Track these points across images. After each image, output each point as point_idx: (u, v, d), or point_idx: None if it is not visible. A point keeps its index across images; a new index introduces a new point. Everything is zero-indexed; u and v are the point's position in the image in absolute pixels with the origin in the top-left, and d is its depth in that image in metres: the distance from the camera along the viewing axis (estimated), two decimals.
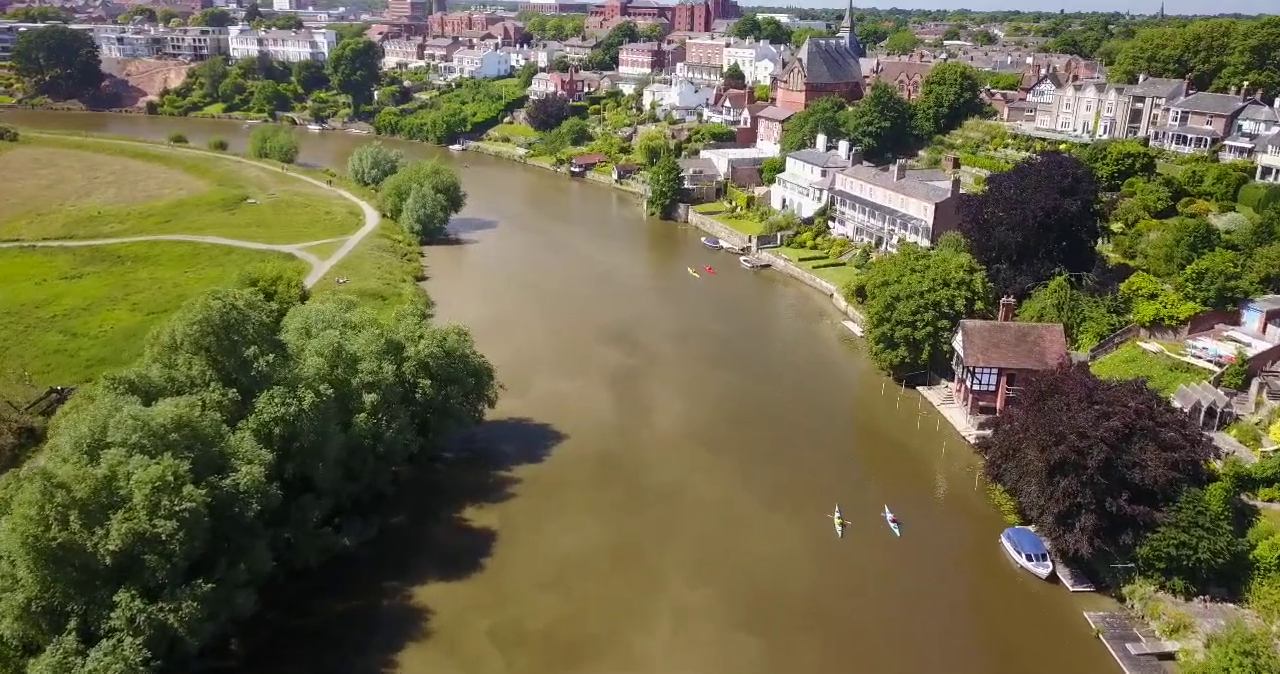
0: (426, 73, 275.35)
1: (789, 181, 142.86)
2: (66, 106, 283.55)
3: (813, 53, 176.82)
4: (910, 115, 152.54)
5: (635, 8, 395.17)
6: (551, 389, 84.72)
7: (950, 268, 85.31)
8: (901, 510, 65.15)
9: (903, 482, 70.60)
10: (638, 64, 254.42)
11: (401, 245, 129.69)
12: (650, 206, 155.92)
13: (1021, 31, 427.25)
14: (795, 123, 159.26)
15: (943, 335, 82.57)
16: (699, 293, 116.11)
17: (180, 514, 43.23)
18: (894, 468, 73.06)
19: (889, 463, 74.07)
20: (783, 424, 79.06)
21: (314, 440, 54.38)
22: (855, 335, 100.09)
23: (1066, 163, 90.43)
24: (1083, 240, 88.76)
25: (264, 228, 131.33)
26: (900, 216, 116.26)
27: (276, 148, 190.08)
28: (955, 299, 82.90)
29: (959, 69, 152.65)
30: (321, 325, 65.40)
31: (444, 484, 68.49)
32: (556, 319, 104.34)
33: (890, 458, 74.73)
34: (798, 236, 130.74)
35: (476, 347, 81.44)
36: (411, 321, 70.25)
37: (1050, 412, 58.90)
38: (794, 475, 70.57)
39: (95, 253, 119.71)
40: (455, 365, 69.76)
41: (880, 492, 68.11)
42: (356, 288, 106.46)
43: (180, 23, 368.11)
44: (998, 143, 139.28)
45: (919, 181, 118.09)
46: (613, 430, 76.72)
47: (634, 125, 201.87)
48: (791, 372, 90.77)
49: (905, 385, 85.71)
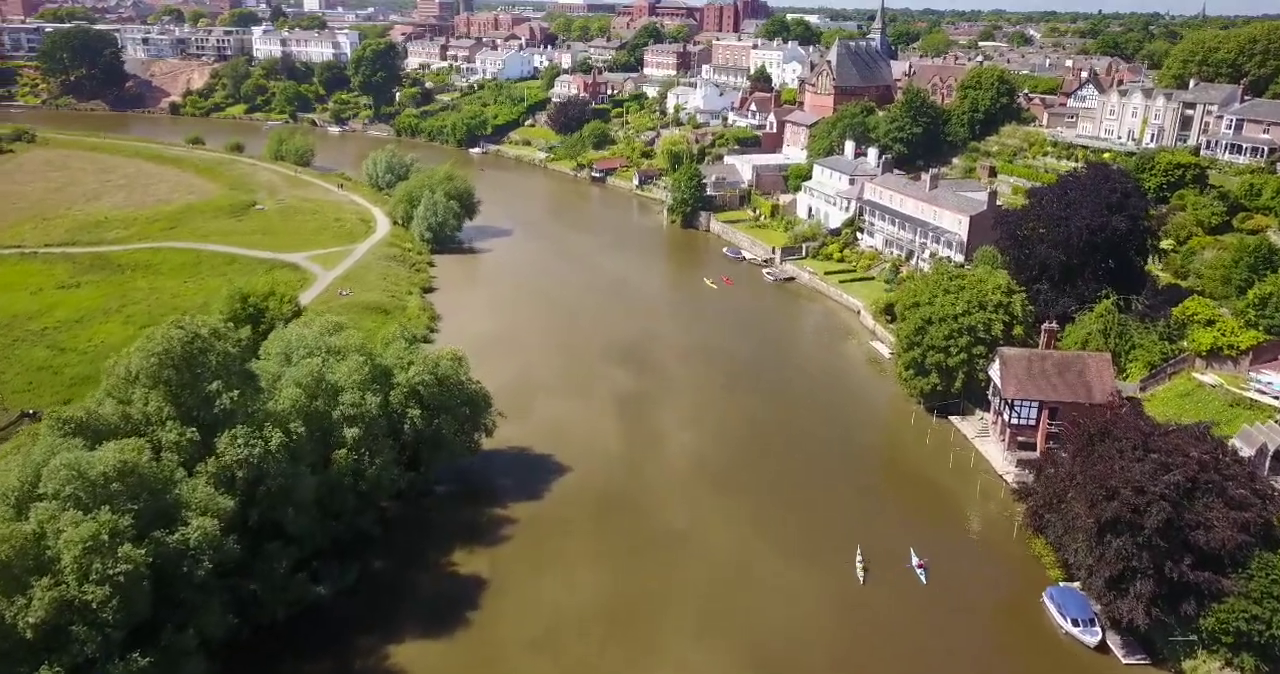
0: (449, 74, 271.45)
1: (815, 190, 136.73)
2: (90, 107, 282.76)
3: (842, 55, 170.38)
4: (944, 121, 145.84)
5: (663, 8, 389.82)
6: (555, 414, 79.46)
7: (987, 289, 79.03)
8: (931, 556, 59.37)
9: (932, 524, 64.60)
10: (663, 66, 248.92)
11: (411, 254, 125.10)
12: (671, 214, 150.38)
13: (1058, 32, 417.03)
14: (823, 128, 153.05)
15: (978, 363, 76.37)
16: (717, 307, 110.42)
17: (115, 578, 38.37)
18: (923, 509, 67.06)
19: (918, 503, 68.03)
20: (802, 458, 73.24)
21: (282, 484, 49.43)
22: (883, 357, 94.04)
23: (1114, 176, 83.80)
24: (1132, 260, 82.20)
25: (270, 235, 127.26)
26: (932, 229, 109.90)
27: (292, 151, 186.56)
28: (992, 323, 76.63)
29: (996, 72, 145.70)
30: (303, 351, 60.55)
31: (434, 522, 63.38)
32: (565, 334, 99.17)
33: (919, 497, 68.68)
34: (824, 248, 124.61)
35: (478, 365, 76.74)
36: (400, 346, 65.15)
37: (1100, 459, 52.73)
38: (813, 517, 64.81)
39: (96, 260, 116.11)
40: (449, 393, 64.69)
41: (907, 534, 62.24)
42: (359, 301, 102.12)
43: (208, 23, 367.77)
44: (1036, 150, 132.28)
45: (952, 192, 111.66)
46: (618, 464, 71.25)
47: (657, 129, 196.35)
48: (813, 397, 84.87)
49: (937, 415, 79.54)
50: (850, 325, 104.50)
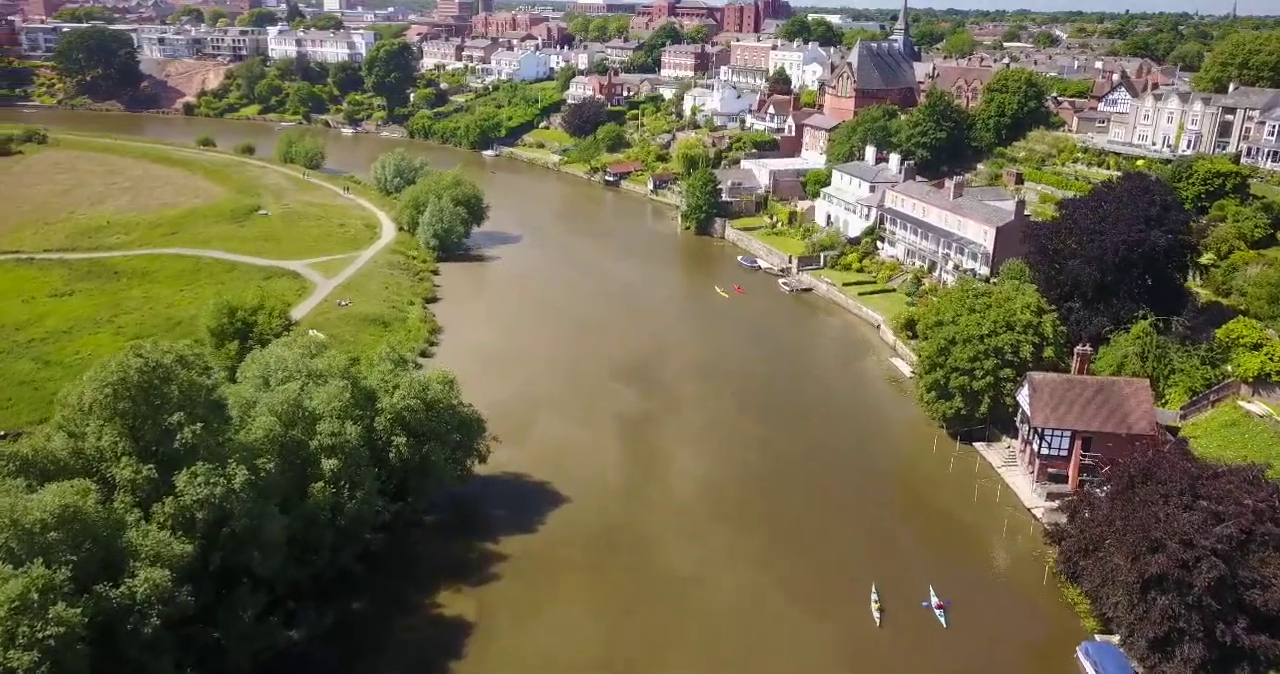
0: (464, 75, 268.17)
1: (834, 196, 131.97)
2: (105, 107, 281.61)
3: (863, 56, 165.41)
4: (969, 125, 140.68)
5: (683, 8, 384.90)
6: (555, 436, 75.39)
7: (1015, 308, 74.21)
8: (952, 598, 54.87)
9: (955, 563, 59.98)
10: (680, 67, 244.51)
11: (416, 262, 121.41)
12: (684, 221, 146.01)
13: (1085, 33, 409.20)
14: (843, 132, 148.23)
15: (1005, 387, 71.62)
16: (730, 319, 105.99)
17: (44, 642, 34.57)
18: (944, 545, 62.46)
19: (938, 538, 63.43)
20: (816, 487, 68.78)
21: (248, 524, 45.55)
22: (904, 375, 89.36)
23: (1153, 188, 78.70)
24: (1170, 277, 77.14)
25: (271, 242, 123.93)
26: (956, 240, 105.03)
27: (301, 153, 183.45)
28: (1021, 345, 71.81)
29: (1023, 75, 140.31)
30: (282, 375, 56.76)
31: (421, 557, 59.42)
32: (570, 347, 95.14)
33: (940, 532, 64.06)
34: (843, 257, 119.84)
35: (478, 381, 73.94)
36: (386, 368, 61.19)
37: (1142, 505, 48.03)
38: (826, 552, 60.41)
39: (93, 267, 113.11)
40: (438, 418, 60.71)
41: (926, 573, 57.70)
42: (358, 312, 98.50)
43: (227, 23, 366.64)
44: (1066, 157, 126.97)
45: (978, 201, 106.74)
46: (619, 494, 67.04)
47: (673, 132, 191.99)
48: (829, 419, 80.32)
49: (960, 441, 74.82)
50: (869, 340, 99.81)
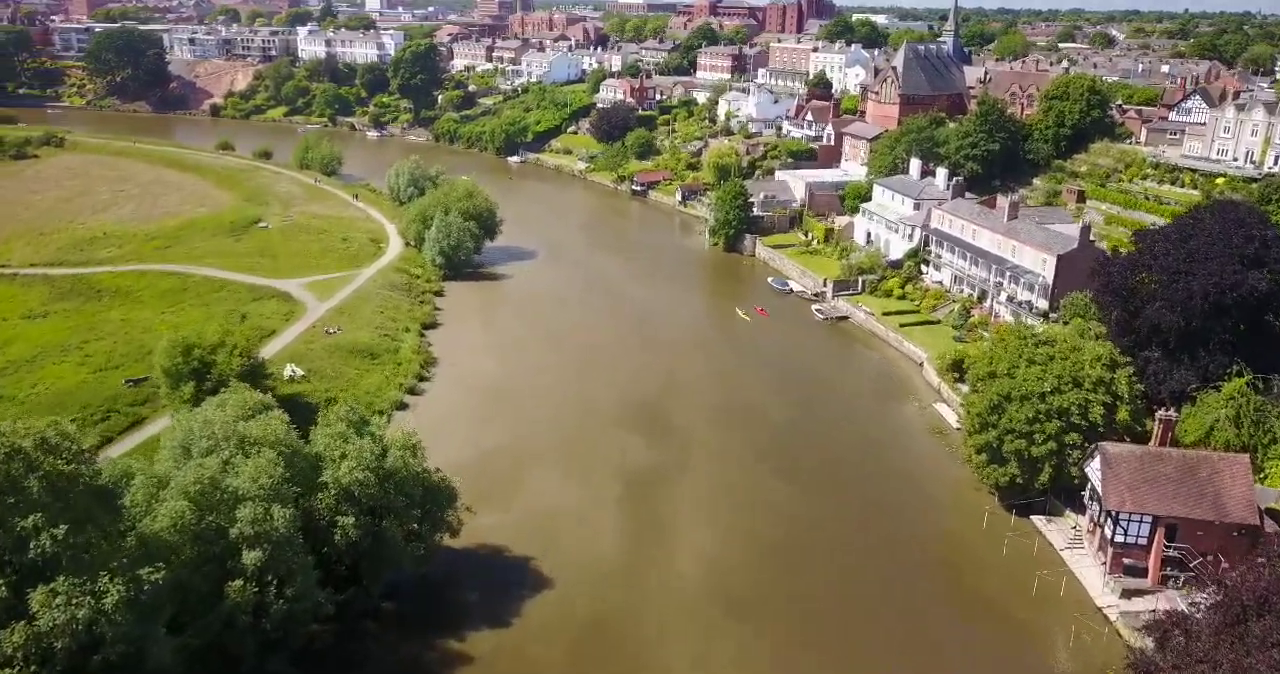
0: (493, 76, 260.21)
1: (875, 213, 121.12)
2: (133, 108, 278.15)
3: (909, 59, 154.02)
4: (1024, 136, 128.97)
5: (724, 7, 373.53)
6: (546, 500, 65.97)
7: (1084, 360, 63.38)
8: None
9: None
10: (716, 69, 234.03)
11: (420, 282, 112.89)
12: (712, 236, 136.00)
13: (1144, 33, 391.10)
14: (886, 142, 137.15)
15: (1070, 455, 60.90)
16: (755, 350, 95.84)
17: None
18: (999, 652, 52.01)
19: (992, 643, 52.91)
20: (845, 571, 58.67)
21: (125, 651, 36.75)
22: (950, 426, 78.67)
23: (1249, 220, 67.32)
24: (1270, 326, 65.69)
25: (268, 258, 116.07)
26: (1010, 268, 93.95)
27: (318, 159, 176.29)
28: (1090, 406, 61.03)
29: (1086, 81, 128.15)
30: (206, 444, 48.01)
31: (369, 658, 50.27)
32: (575, 383, 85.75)
33: (994, 635, 53.58)
34: (883, 282, 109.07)
35: (466, 427, 68.66)
36: (337, 431, 52.06)
37: (1259, 647, 37.40)
38: (851, 655, 50.47)
39: (76, 284, 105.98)
40: (398, 490, 51.73)
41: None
42: (345, 341, 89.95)
43: (265, 22, 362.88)
44: (1134, 172, 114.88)
45: (1036, 225, 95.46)
46: (614, 577, 57.38)
47: (705, 139, 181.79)
48: (862, 480, 69.93)
49: (1016, 514, 64.15)
50: (911, 381, 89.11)
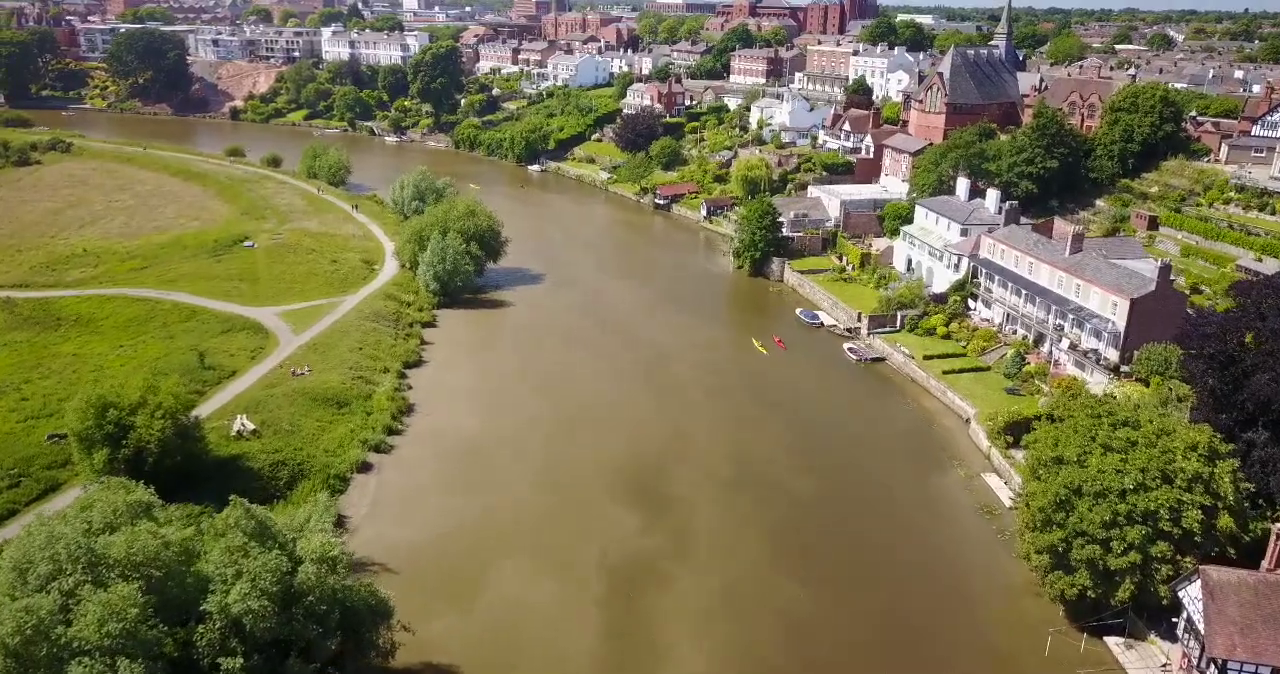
0: (518, 80, 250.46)
1: (917, 238, 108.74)
2: (154, 111, 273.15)
3: (957, 65, 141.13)
4: (1085, 152, 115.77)
5: (764, 8, 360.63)
6: (512, 598, 55.06)
7: (1175, 447, 51.06)
8: None
9: None
10: (750, 73, 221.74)
11: (410, 311, 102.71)
12: (737, 259, 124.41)
13: (1205, 34, 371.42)
14: (930, 157, 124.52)
15: (1159, 570, 48.70)
16: (777, 401, 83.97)
17: None
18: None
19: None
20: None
21: None
22: (1003, 504, 66.54)
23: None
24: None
25: (247, 282, 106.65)
26: (1073, 310, 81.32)
27: (325, 168, 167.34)
28: (1185, 510, 48.74)
29: (1158, 92, 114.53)
30: (48, 568, 37.66)
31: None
32: (564, 443, 74.72)
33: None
34: (925, 319, 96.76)
35: (433, 496, 62.47)
36: (234, 543, 41.47)
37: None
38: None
39: (37, 310, 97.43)
40: (313, 615, 41.27)
41: None
42: (313, 386, 79.85)
43: (298, 22, 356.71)
44: (1213, 196, 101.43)
45: (1103, 260, 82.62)
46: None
47: (735, 148, 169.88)
48: (895, 580, 57.96)
49: (1087, 635, 51.97)
50: (955, 442, 76.84)
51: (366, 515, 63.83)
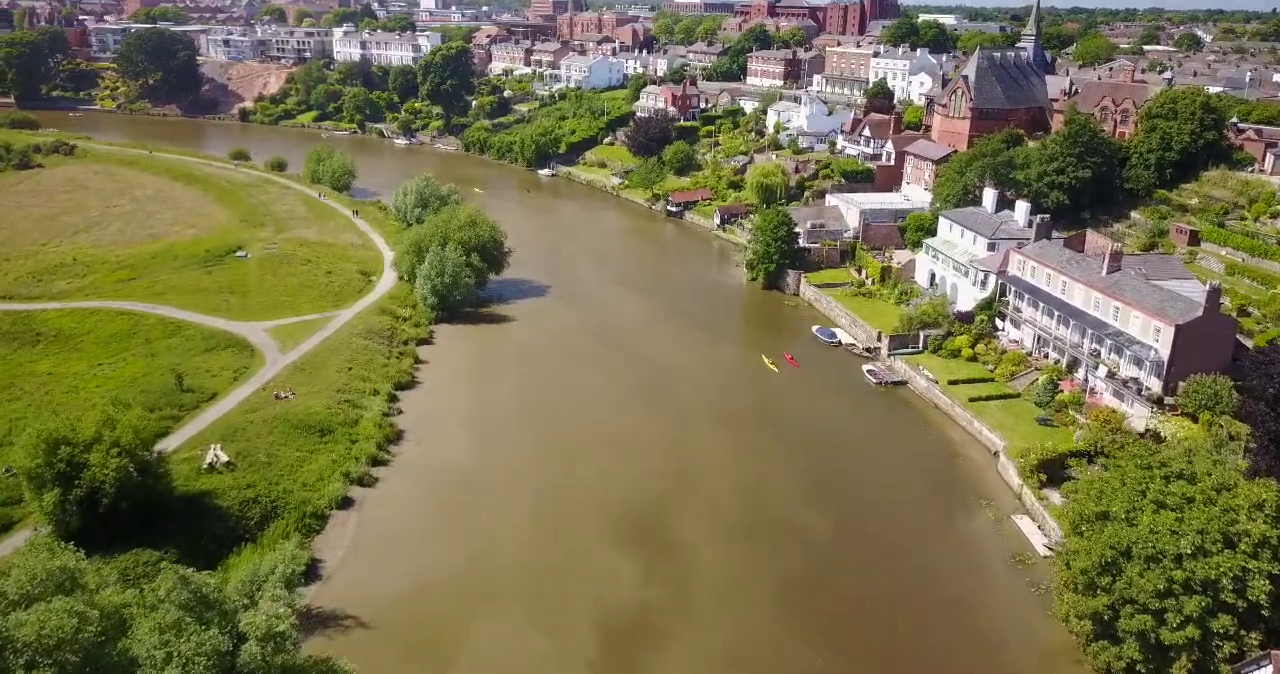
0: (530, 81, 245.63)
1: (941, 252, 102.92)
2: (163, 112, 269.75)
3: (983, 68, 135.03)
4: (1120, 160, 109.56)
5: (783, 8, 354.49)
6: (496, 659, 49.95)
7: (1239, 506, 45.34)
8: None
9: None
10: (767, 75, 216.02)
11: (405, 327, 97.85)
12: (750, 271, 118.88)
13: (1234, 34, 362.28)
14: (955, 165, 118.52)
15: (1221, 648, 43.01)
16: (790, 430, 78.44)
17: None
18: None
19: None
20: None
21: None
22: (1036, 552, 60.88)
23: None
24: None
25: (237, 295, 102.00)
26: (1111, 335, 75.40)
27: (329, 172, 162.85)
28: (1251, 579, 43.05)
29: (1199, 97, 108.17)
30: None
31: None
32: (560, 477, 69.45)
33: None
34: (949, 340, 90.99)
35: (416, 539, 58.27)
36: (168, 619, 36.52)
37: None
38: None
39: (16, 324, 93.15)
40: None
41: None
42: (298, 410, 75.19)
43: (313, 22, 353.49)
44: (1259, 209, 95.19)
45: (1143, 280, 76.68)
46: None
47: (750, 153, 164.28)
48: (919, 641, 52.35)
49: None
50: (984, 479, 71.12)
51: (343, 559, 58.94)
